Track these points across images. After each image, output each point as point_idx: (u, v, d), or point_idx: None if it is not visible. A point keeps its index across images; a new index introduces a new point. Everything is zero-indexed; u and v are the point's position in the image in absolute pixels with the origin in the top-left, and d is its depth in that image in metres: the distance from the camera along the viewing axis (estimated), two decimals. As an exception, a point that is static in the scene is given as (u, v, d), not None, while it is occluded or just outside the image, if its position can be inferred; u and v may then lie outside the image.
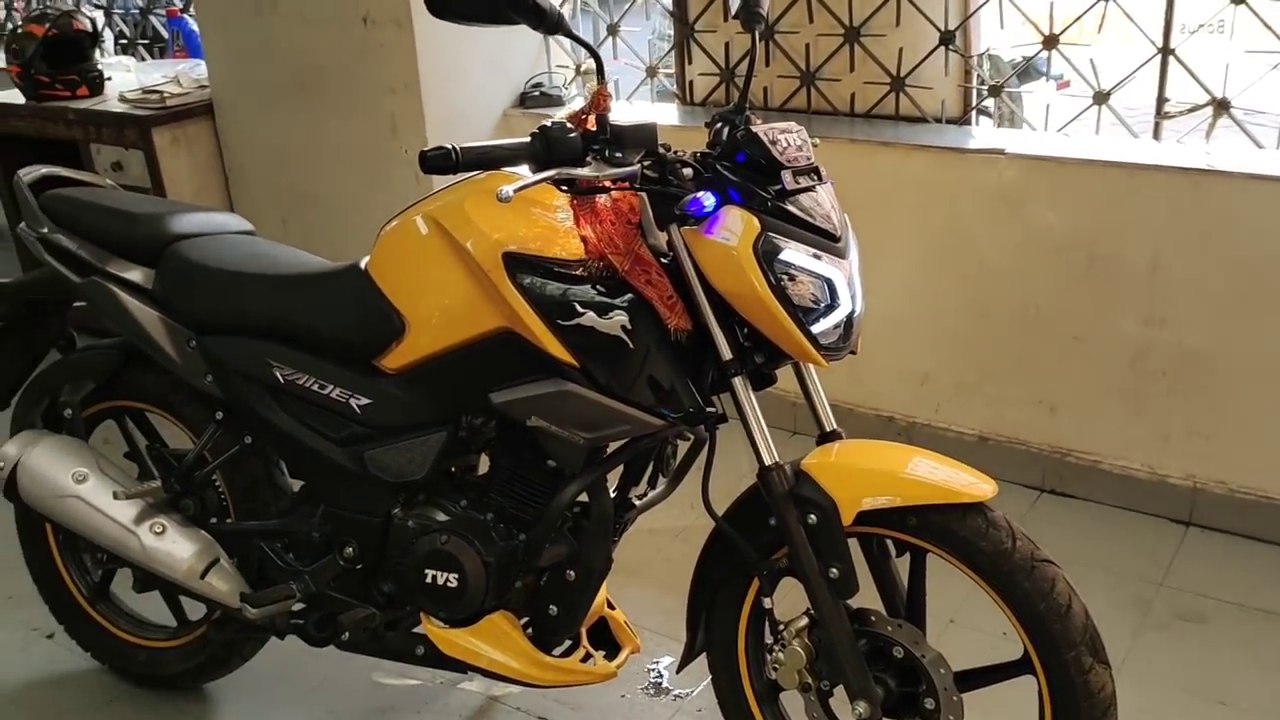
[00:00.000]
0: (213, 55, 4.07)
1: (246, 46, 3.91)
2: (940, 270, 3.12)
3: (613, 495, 1.99)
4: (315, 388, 2.00)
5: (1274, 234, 2.67)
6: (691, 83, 3.60)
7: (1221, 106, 2.81)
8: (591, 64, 3.68)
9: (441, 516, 1.99)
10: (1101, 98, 2.95)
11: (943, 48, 3.12)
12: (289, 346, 2.03)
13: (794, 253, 1.69)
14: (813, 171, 1.78)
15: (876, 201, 3.06)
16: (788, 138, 1.77)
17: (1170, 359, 2.86)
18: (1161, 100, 2.88)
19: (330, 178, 3.89)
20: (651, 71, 3.71)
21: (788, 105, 3.38)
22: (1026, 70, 3.42)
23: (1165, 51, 2.82)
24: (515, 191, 1.60)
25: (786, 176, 1.72)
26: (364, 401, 1.97)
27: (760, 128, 1.75)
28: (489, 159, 1.69)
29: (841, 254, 1.75)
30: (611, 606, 2.16)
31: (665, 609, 2.53)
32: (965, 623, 2.35)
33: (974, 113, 3.20)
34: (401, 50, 3.52)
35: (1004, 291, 3.04)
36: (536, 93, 3.78)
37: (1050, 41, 2.98)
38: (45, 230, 2.24)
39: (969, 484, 1.72)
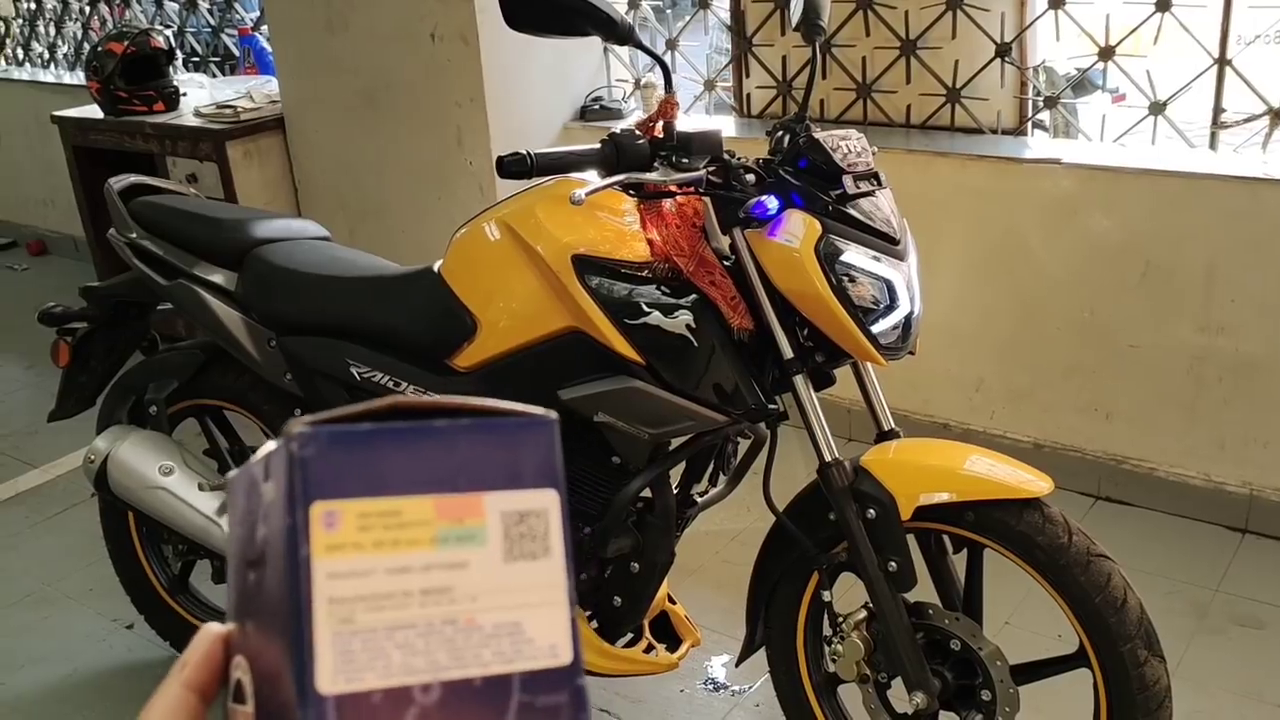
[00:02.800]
0: (284, 72, 4.20)
1: (317, 63, 4.03)
2: (996, 278, 3.15)
3: (675, 491, 2.06)
4: (390, 385, 2.08)
5: (1331, 242, 2.68)
6: (749, 95, 3.67)
7: (1278, 116, 2.83)
8: (651, 78, 3.79)
9: (509, 510, 2.05)
10: (1158, 108, 2.97)
11: (999, 60, 3.16)
12: (365, 346, 2.11)
13: (854, 254, 1.75)
14: (872, 176, 1.84)
15: (932, 210, 3.10)
16: (848, 144, 1.83)
17: (1226, 366, 2.87)
18: (1218, 110, 2.90)
19: (397, 188, 4.00)
20: (709, 85, 3.78)
21: (844, 117, 3.44)
22: (1082, 83, 3.45)
23: (1222, 62, 2.84)
24: (587, 195, 1.68)
25: (847, 181, 1.78)
26: (437, 399, 2.05)
27: (821, 134, 1.82)
28: (562, 163, 1.77)
29: (901, 256, 1.81)
30: (673, 601, 2.22)
31: (723, 608, 2.58)
32: (1020, 625, 2.39)
33: (1029, 124, 3.24)
34: (468, 66, 3.62)
35: (1059, 299, 3.07)
36: (596, 106, 3.86)
37: (1106, 53, 3.01)
38: (134, 235, 2.35)
39: (1026, 480, 1.77)
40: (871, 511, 1.79)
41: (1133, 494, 3.10)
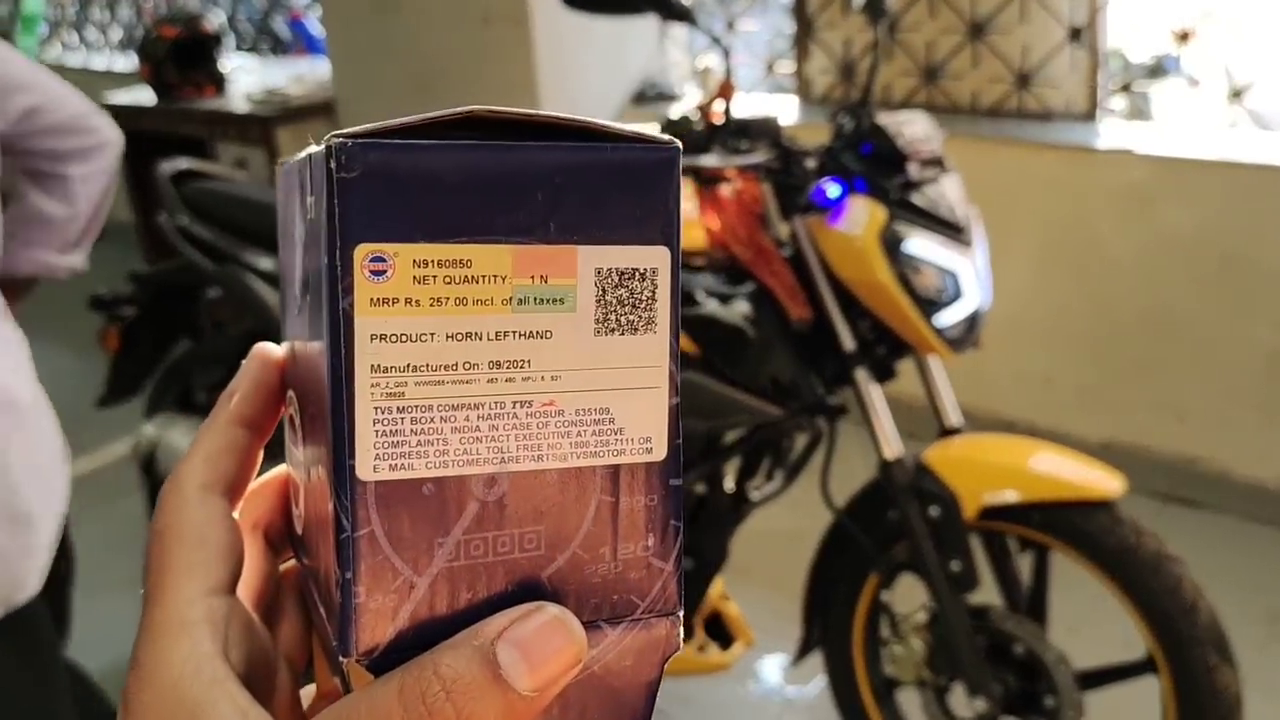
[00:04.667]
0: (335, 55, 4.18)
1: (368, 47, 4.00)
2: (1065, 271, 3.05)
3: (731, 488, 1.99)
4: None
5: None
6: (810, 80, 3.59)
7: (1365, 102, 2.71)
8: (707, 62, 3.72)
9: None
10: (1234, 95, 2.86)
11: (1069, 44, 3.06)
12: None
13: (919, 243, 1.68)
14: (938, 162, 1.76)
15: (1000, 200, 3.00)
16: (913, 129, 1.76)
17: (1306, 365, 2.76)
18: (1300, 97, 2.79)
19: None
20: (770, 68, 3.70)
21: (909, 103, 3.35)
22: (1157, 68, 3.34)
23: (1305, 46, 2.73)
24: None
25: (912, 167, 1.71)
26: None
27: (885, 119, 1.75)
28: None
29: (967, 245, 1.74)
30: (727, 599, 2.16)
31: (777, 608, 2.51)
32: (1088, 630, 2.30)
33: (1100, 110, 3.13)
34: (520, 49, 3.56)
35: (1131, 293, 2.96)
36: (652, 91, 3.80)
37: (1182, 38, 2.90)
38: (184, 220, 2.32)
39: (1096, 480, 1.69)
40: (934, 510, 1.72)
41: (1205, 496, 2.99)
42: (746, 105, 1.83)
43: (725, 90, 1.76)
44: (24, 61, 1.52)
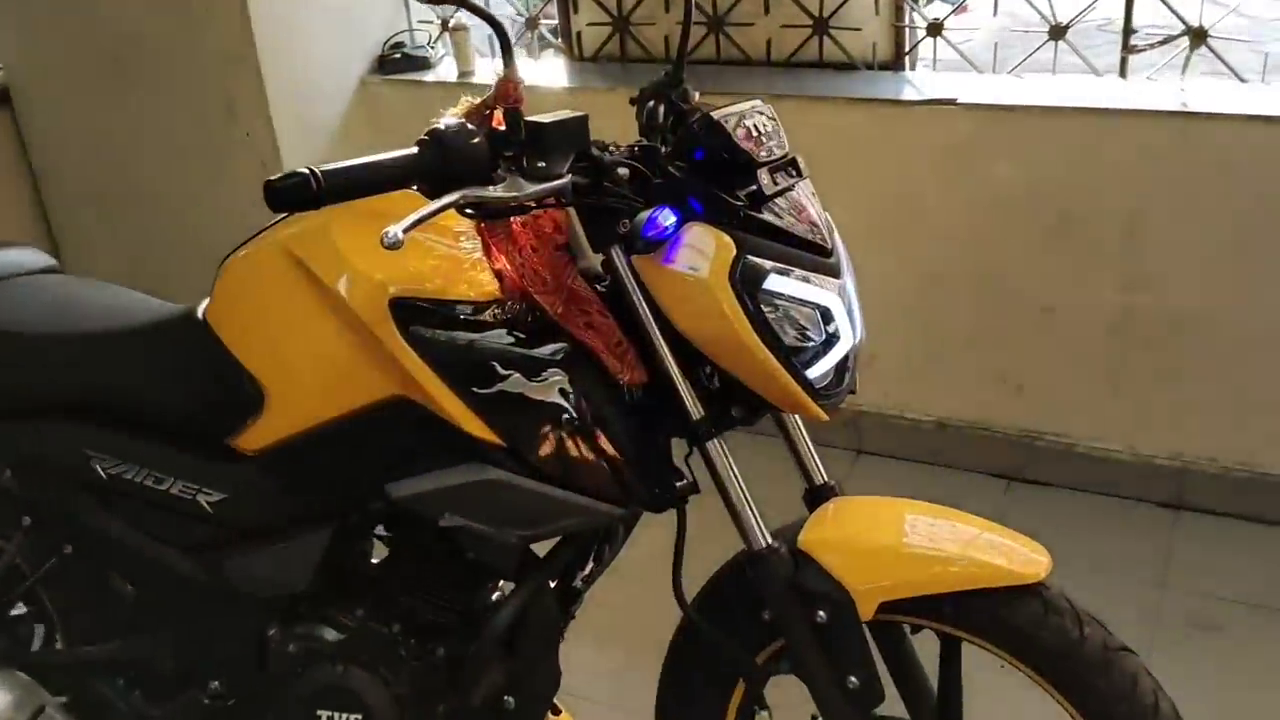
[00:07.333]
0: (2, 28, 3.44)
1: (45, 16, 3.29)
2: (886, 238, 2.74)
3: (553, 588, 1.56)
4: (150, 483, 1.52)
5: (1265, 180, 2.35)
6: (579, 34, 3.13)
7: (1198, 37, 2.47)
8: (461, 17, 3.21)
9: (332, 635, 1.55)
10: (1058, 32, 2.58)
11: (870, -18, 2.72)
12: (111, 429, 1.54)
13: (781, 279, 1.28)
14: (790, 165, 1.37)
15: (808, 165, 2.66)
16: (754, 123, 1.36)
17: (1153, 326, 2.54)
18: (1129, 32, 2.52)
19: (161, 172, 3.31)
20: (532, 23, 3.23)
21: (694, 56, 2.94)
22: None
23: (1131, -24, 2.47)
24: (406, 232, 1.14)
25: (763, 176, 1.31)
26: (216, 497, 1.50)
27: (720, 112, 1.33)
28: (365, 182, 1.21)
29: (835, 272, 1.36)
30: (556, 711, 1.74)
31: (609, 671, 2.15)
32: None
33: (908, 57, 2.81)
34: (231, 14, 2.97)
35: (960, 259, 2.69)
36: (397, 55, 3.29)
37: (994, -33, 2.59)
38: None
39: (1021, 560, 1.35)
40: (822, 614, 1.35)
41: (1050, 473, 2.78)
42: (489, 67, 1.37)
43: (508, 89, 1.29)
44: None
